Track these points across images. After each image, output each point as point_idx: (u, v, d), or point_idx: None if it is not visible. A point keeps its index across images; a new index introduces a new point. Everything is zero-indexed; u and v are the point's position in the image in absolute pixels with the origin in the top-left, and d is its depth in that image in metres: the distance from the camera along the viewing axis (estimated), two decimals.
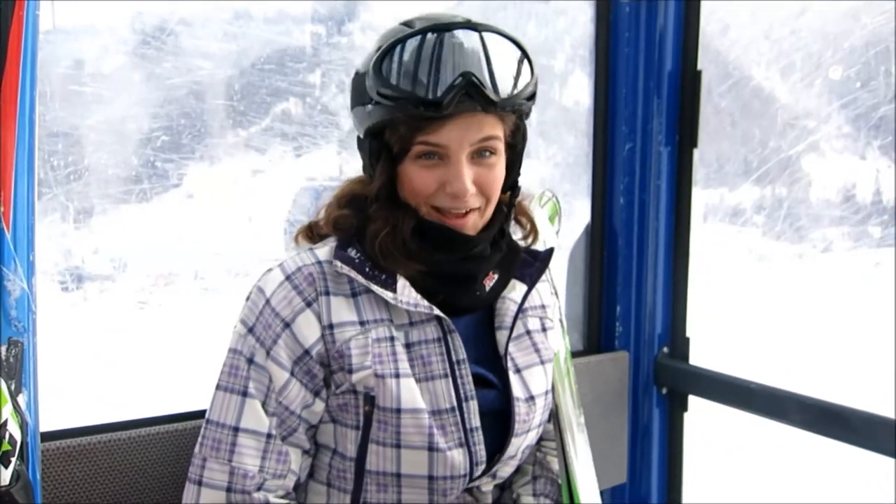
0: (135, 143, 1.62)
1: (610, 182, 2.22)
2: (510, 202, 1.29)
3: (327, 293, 1.22)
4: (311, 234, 1.33)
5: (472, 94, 1.07)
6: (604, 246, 2.23)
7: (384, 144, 1.17)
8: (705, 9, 2.12)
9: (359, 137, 1.26)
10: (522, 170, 1.28)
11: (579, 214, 2.23)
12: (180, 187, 1.70)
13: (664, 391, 2.23)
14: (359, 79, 1.18)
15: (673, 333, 2.24)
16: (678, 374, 2.21)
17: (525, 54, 1.14)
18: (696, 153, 2.21)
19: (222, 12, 1.66)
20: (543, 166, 2.26)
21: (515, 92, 1.11)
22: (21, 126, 1.03)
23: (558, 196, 1.85)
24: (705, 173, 2.35)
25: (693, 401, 2.22)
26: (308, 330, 1.21)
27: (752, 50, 2.29)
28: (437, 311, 1.22)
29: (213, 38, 1.65)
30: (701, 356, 2.25)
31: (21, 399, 1.06)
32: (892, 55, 2.03)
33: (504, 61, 1.10)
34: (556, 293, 1.65)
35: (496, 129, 1.14)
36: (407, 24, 1.17)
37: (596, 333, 2.25)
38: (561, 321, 1.68)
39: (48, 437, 1.41)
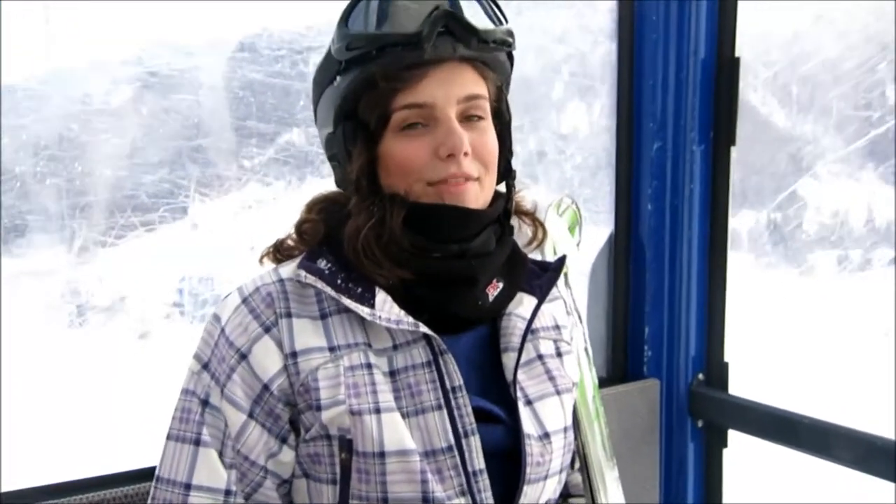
0: (140, 174, 1.69)
1: (636, 186, 2.09)
2: (507, 190, 1.18)
3: (289, 315, 1.09)
4: (278, 253, 1.19)
5: (452, 27, 1.03)
6: (629, 259, 2.10)
7: (358, 124, 1.09)
8: None
9: (327, 139, 1.15)
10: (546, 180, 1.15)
11: (602, 223, 2.11)
12: (185, 218, 1.75)
13: (700, 424, 2.10)
14: (322, 63, 1.12)
15: (709, 358, 2.08)
16: (716, 405, 2.06)
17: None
18: (734, 152, 2.03)
19: (228, 44, 1.74)
20: (559, 169, 2.08)
21: (494, 27, 1.07)
22: None
23: (578, 202, 1.70)
24: None
25: (733, 435, 2.09)
26: (267, 360, 1.07)
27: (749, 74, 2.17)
28: (424, 329, 1.07)
29: (218, 69, 1.73)
30: (741, 384, 2.09)
31: None
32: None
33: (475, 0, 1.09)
34: (578, 315, 1.44)
35: (479, 87, 1.09)
36: None
37: (622, 359, 2.11)
38: (586, 350, 1.47)
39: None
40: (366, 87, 1.05)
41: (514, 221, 1.22)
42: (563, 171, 2.08)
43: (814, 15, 2.13)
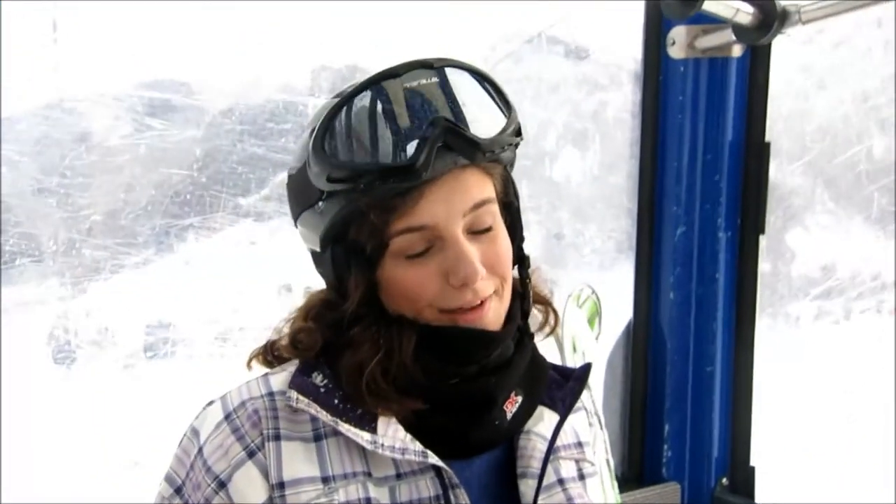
0: (135, 210, 1.68)
1: (656, 273, 2.01)
2: (522, 280, 1.05)
3: (277, 437, 0.95)
4: (269, 356, 1.05)
5: (452, 143, 0.89)
6: (648, 350, 2.02)
7: (351, 248, 0.96)
8: None
9: (314, 253, 1.02)
10: None
11: (619, 311, 2.01)
12: (177, 254, 1.72)
13: None
14: (297, 177, 0.98)
15: (734, 461, 2.02)
16: None
17: (495, 84, 0.96)
18: (763, 241, 1.97)
19: (227, 82, 1.72)
20: (576, 251, 1.99)
21: (501, 129, 0.93)
22: None
23: (597, 290, 1.57)
24: None
25: None
26: (250, 491, 0.94)
27: None
28: (434, 459, 0.94)
29: (217, 107, 1.71)
30: (768, 490, 2.01)
31: None
32: None
33: (475, 97, 0.94)
34: (599, 420, 1.30)
35: (486, 189, 0.96)
36: (339, 94, 0.96)
37: (638, 459, 2.03)
38: (608, 462, 1.32)
39: None
40: (354, 217, 0.92)
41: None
42: (581, 255, 1.98)
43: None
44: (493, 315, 0.96)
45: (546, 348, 1.16)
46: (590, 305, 1.59)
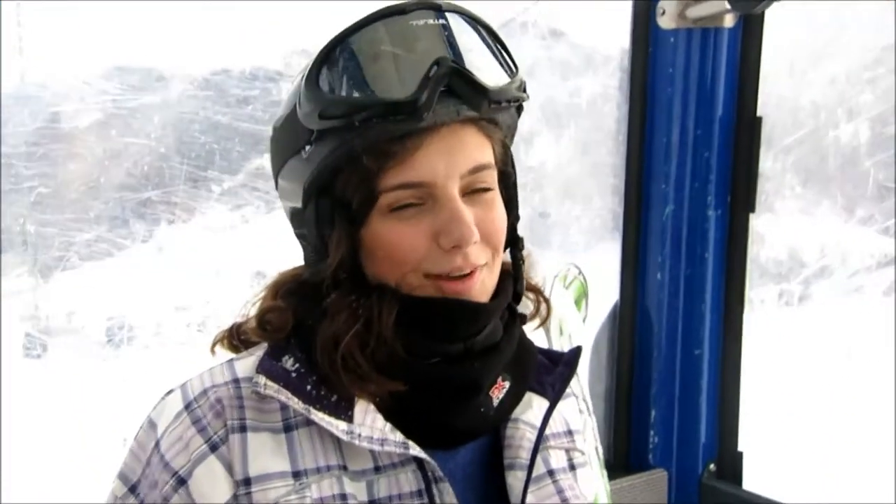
0: (106, 196, 1.62)
1: (643, 253, 1.95)
2: (515, 262, 0.99)
3: (243, 428, 0.88)
4: (235, 339, 0.98)
5: (456, 86, 0.84)
6: (635, 334, 1.97)
7: (337, 200, 0.89)
8: None
9: (294, 212, 0.95)
10: None
11: (605, 292, 1.95)
12: (149, 242, 1.69)
13: None
14: (283, 126, 0.92)
15: (721, 447, 1.97)
16: (729, 502, 1.91)
17: (500, 39, 0.91)
18: (754, 219, 1.91)
19: (199, 68, 1.67)
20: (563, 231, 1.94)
21: (508, 82, 0.88)
22: None
23: (584, 271, 1.52)
24: None
25: None
26: (213, 488, 0.86)
27: None
28: (416, 451, 0.88)
29: (188, 94, 1.65)
30: (756, 476, 1.97)
31: None
32: None
33: (482, 46, 0.89)
34: (587, 407, 1.24)
35: (486, 153, 0.91)
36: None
37: (624, 446, 1.97)
38: (597, 450, 1.27)
39: None
40: (345, 162, 0.86)
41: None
42: (567, 234, 1.91)
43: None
44: (481, 288, 0.90)
45: (532, 331, 1.09)
46: (577, 286, 1.52)
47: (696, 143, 1.85)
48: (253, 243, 1.75)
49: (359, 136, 0.83)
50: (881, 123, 2.22)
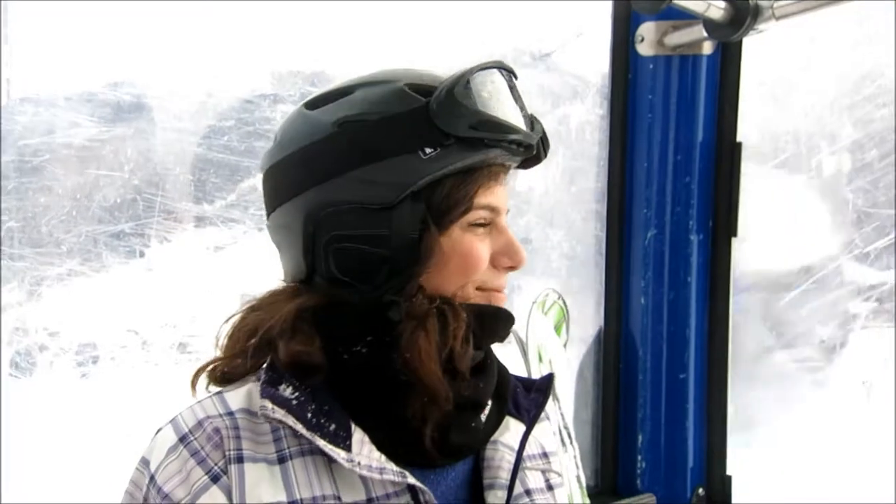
0: (99, 214, 1.63)
1: (626, 278, 1.96)
2: None
3: (240, 459, 0.89)
4: (220, 373, 0.98)
5: (543, 140, 0.98)
6: (620, 359, 1.96)
7: (437, 205, 0.94)
8: None
9: (366, 210, 0.92)
10: None
11: (589, 318, 1.95)
12: (142, 259, 1.68)
13: None
14: (382, 122, 0.92)
15: (710, 470, 1.96)
16: None
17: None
18: (736, 243, 1.92)
19: (195, 90, 1.69)
20: (545, 257, 1.93)
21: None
22: None
23: (565, 297, 1.52)
24: None
25: None
26: None
27: None
28: (411, 480, 0.89)
29: (185, 113, 1.67)
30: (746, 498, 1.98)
31: None
32: None
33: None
34: (568, 435, 1.26)
35: None
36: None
37: (611, 471, 1.96)
38: (578, 479, 1.27)
39: None
40: (464, 171, 0.92)
41: None
42: (549, 260, 1.91)
43: None
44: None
45: (510, 358, 1.10)
46: (556, 312, 1.52)
47: (676, 169, 1.87)
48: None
49: (493, 152, 0.92)
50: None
